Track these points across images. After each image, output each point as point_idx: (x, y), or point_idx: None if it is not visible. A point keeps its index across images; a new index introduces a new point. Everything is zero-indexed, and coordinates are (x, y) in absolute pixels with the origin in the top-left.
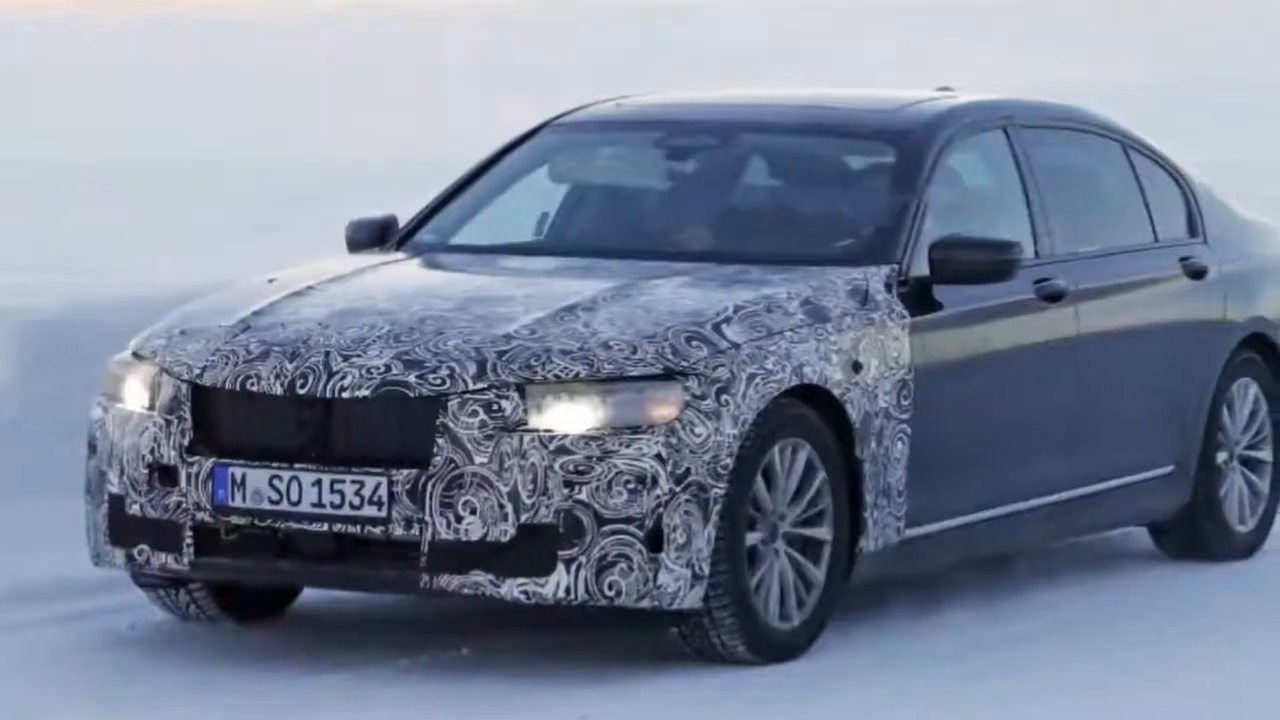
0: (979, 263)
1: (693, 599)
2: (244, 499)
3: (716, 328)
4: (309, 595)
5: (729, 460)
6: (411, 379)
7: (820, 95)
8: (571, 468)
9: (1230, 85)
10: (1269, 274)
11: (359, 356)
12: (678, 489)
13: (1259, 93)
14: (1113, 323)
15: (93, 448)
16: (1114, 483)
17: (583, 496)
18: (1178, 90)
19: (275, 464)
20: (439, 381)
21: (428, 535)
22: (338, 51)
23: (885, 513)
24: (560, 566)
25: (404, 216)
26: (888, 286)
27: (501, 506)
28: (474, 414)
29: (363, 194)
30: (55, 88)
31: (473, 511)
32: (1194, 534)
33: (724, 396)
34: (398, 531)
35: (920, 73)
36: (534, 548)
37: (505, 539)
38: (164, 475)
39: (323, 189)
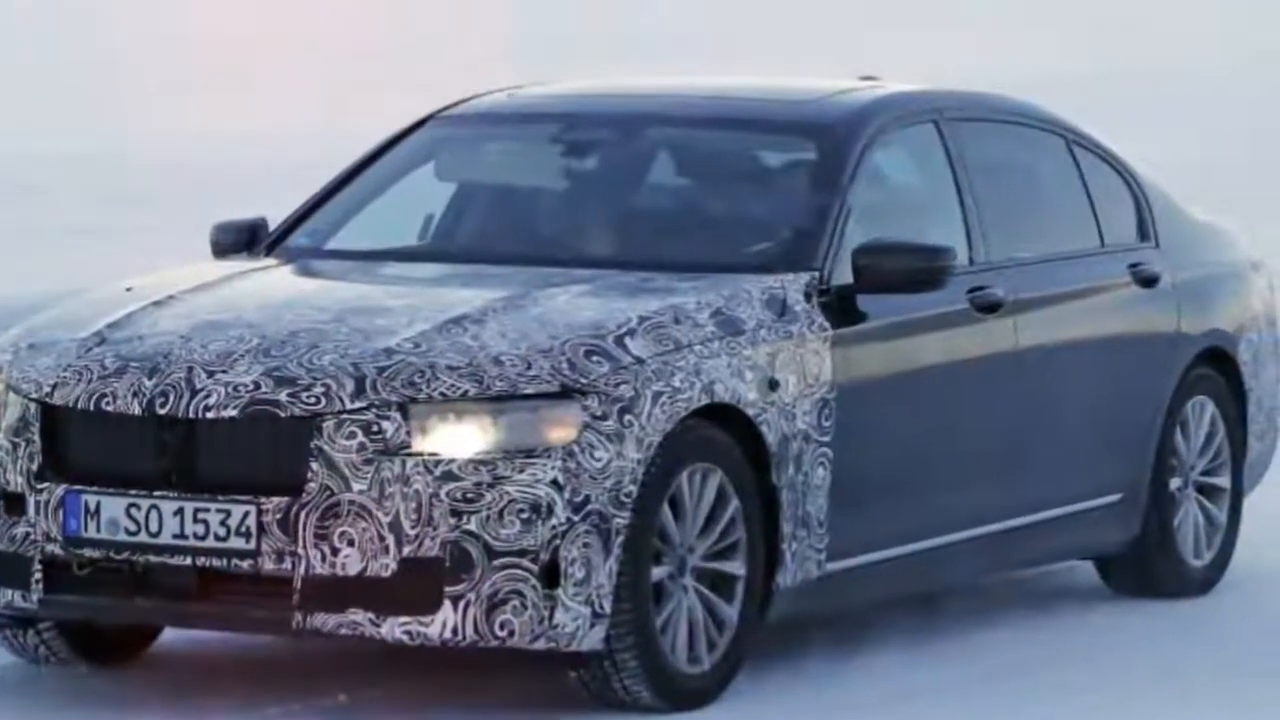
0: (908, 270)
1: (593, 640)
2: (98, 529)
3: (619, 341)
4: (170, 636)
5: (632, 487)
6: (282, 397)
7: (734, 85)
8: (459, 495)
9: (1178, 76)
10: (1226, 282)
11: (225, 373)
12: (576, 519)
13: (1209, 84)
14: (1055, 335)
15: None
16: (1056, 512)
17: (471, 527)
18: (1123, 80)
19: (133, 491)
20: (313, 400)
21: (301, 570)
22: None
23: (804, 545)
24: (447, 604)
25: (275, 218)
26: (807, 296)
27: (382, 538)
28: (351, 436)
29: (222, 192)
30: None
31: (350, 544)
32: (1144, 569)
33: (627, 417)
34: (267, 566)
35: (843, 60)
36: (418, 583)
37: (386, 574)
38: (10, 504)
39: (167, 186)
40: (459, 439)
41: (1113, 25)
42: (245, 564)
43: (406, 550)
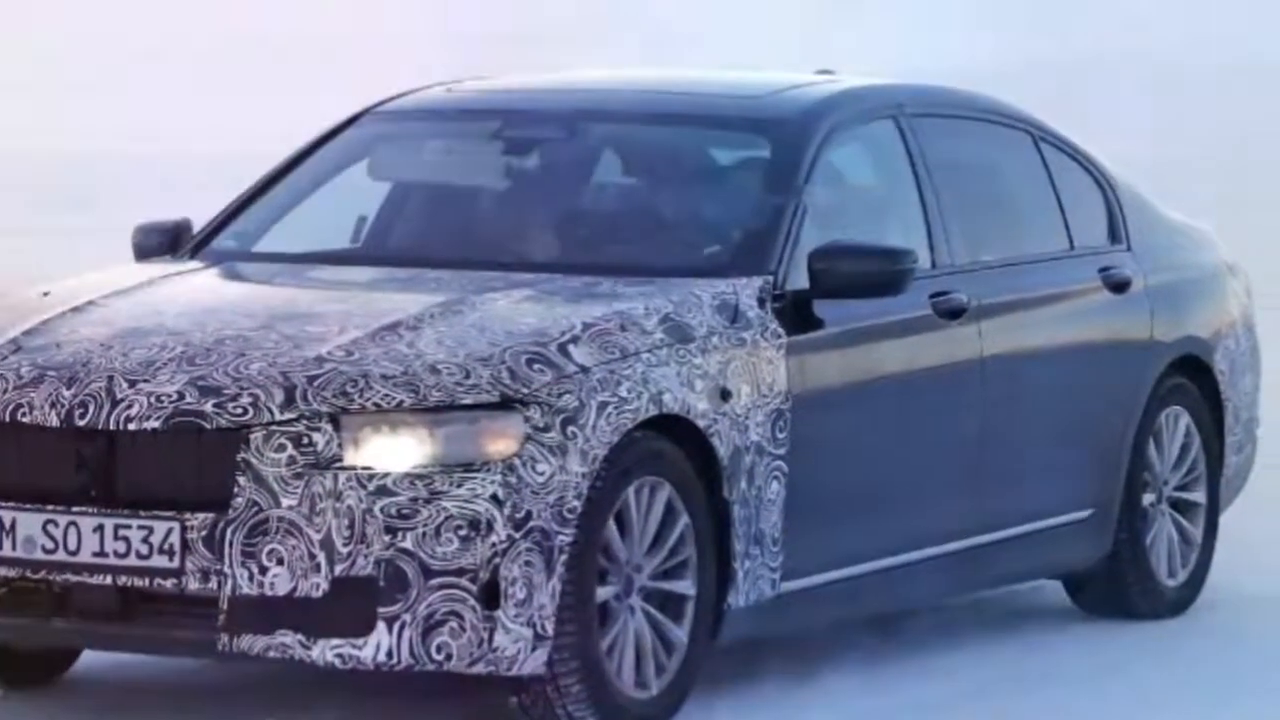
0: (866, 274)
1: (535, 663)
2: (14, 547)
3: (562, 349)
4: (90, 659)
5: (576, 502)
6: (208, 408)
7: (683, 79)
8: (394, 511)
9: (1145, 64)
10: (1202, 286)
11: (147, 382)
12: (517, 536)
13: (1182, 74)
14: (1021, 343)
15: None
16: (1023, 529)
17: (407, 545)
18: (1090, 71)
19: (50, 507)
20: (240, 411)
21: (227, 590)
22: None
23: (758, 563)
24: (381, 626)
25: (199, 219)
26: (761, 301)
27: (313, 556)
28: (281, 449)
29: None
30: None
31: (279, 562)
32: (1116, 588)
33: (571, 428)
34: (192, 585)
35: (798, 53)
36: (350, 604)
37: (317, 594)
38: None
39: (103, 186)
40: (394, 452)
41: (1081, 12)
42: (169, 583)
43: (338, 569)
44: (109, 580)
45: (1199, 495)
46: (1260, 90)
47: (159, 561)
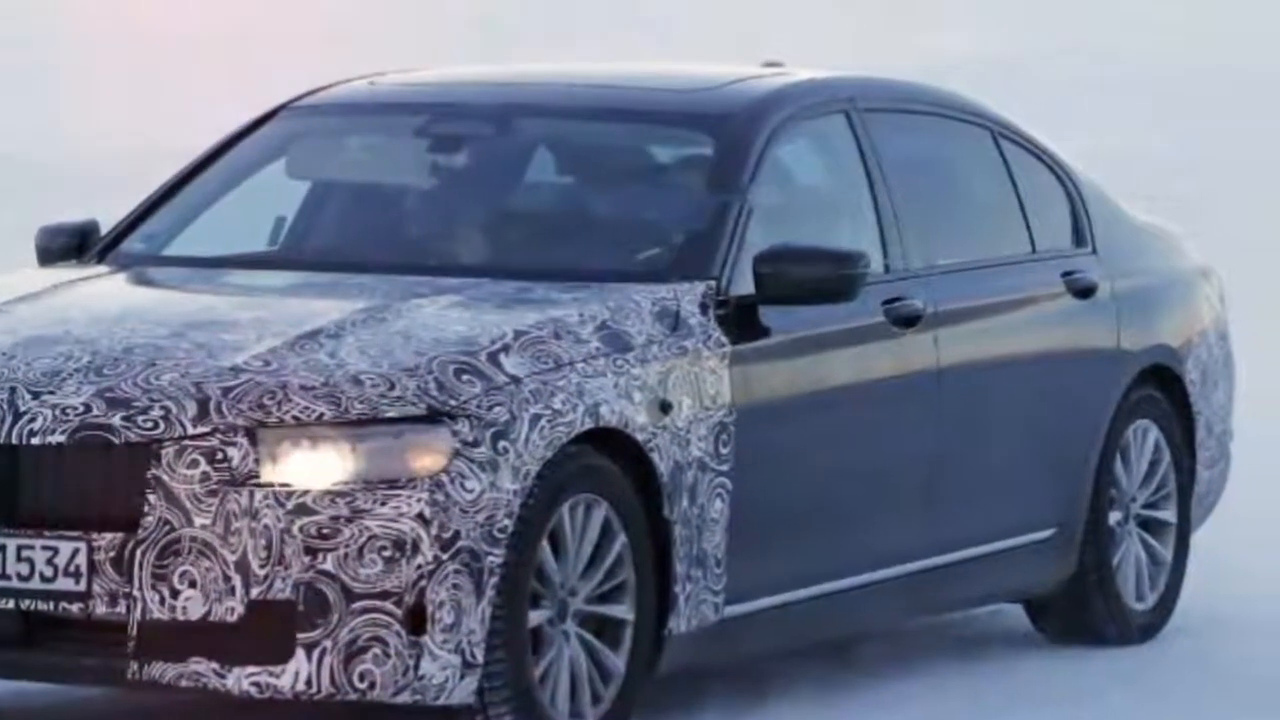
0: (815, 279)
1: (463, 692)
2: None
3: (492, 358)
4: None
5: (508, 521)
6: (116, 421)
7: (622, 72)
8: (314, 531)
9: (1109, 58)
10: (1171, 292)
11: (52, 393)
12: (444, 557)
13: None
14: (980, 352)
15: None
16: (982, 550)
17: (328, 566)
18: (1053, 64)
19: None
20: (151, 425)
21: (137, 614)
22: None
23: (700, 586)
24: (300, 652)
25: (108, 220)
26: (703, 308)
27: (228, 579)
28: (194, 465)
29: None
30: None
31: (192, 585)
32: (1080, 613)
33: (502, 443)
34: (100, 610)
35: (743, 44)
36: (267, 629)
37: (232, 619)
38: None
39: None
40: (314, 468)
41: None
42: (75, 608)
43: (255, 592)
44: (11, 604)
45: (1169, 513)
46: (1234, 88)
47: (65, 584)
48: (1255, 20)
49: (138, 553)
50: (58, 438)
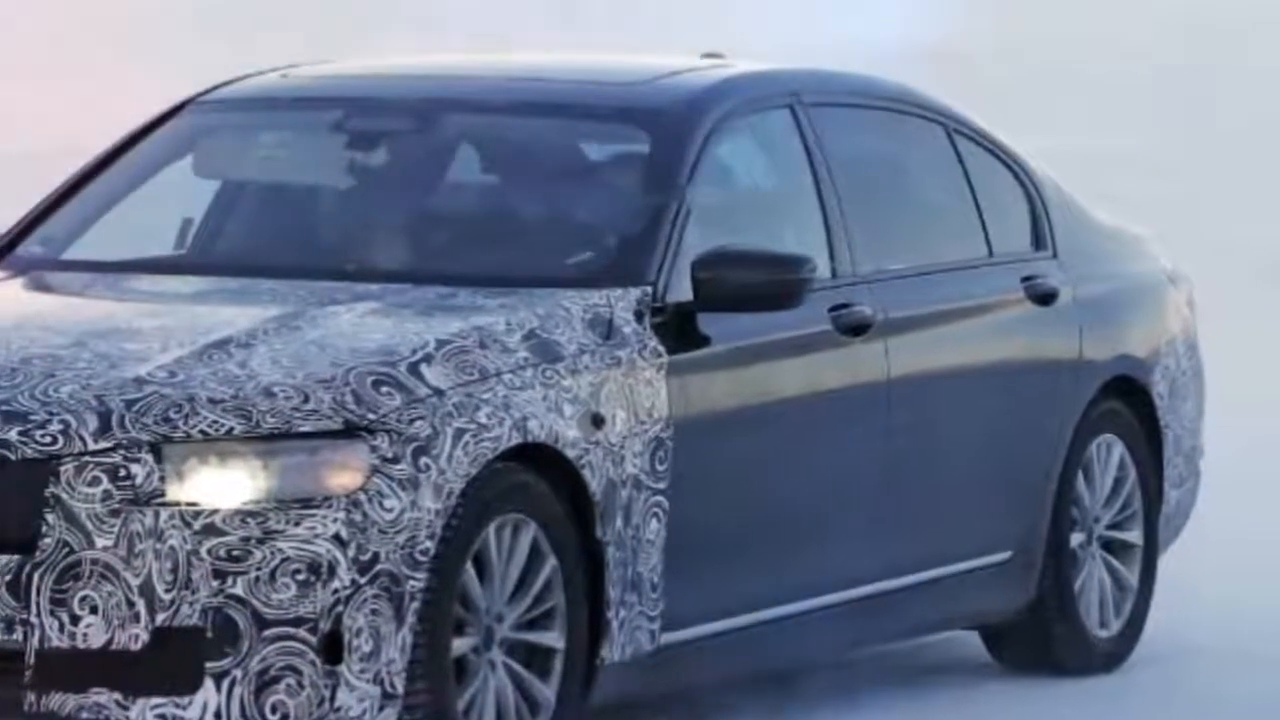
0: (758, 284)
1: None
2: None
3: (413, 369)
4: None
5: (430, 543)
6: (12, 436)
7: (552, 64)
8: (223, 553)
9: (1076, 50)
10: (1138, 298)
11: None
12: (362, 581)
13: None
14: (933, 362)
15: None
16: (935, 573)
17: (238, 591)
18: (1013, 55)
19: None
20: (48, 439)
21: (34, 641)
22: None
23: (635, 612)
24: (209, 683)
25: (2, 223)
26: (638, 315)
27: (131, 604)
28: (95, 482)
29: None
30: None
31: (93, 610)
32: (1040, 640)
33: (423, 459)
34: None
35: (680, 33)
36: (174, 658)
37: (136, 646)
38: None
39: None
40: (223, 486)
41: None
42: None
43: (160, 618)
44: None
45: (1134, 535)
46: (1211, 85)
47: None
48: (1236, 14)
49: (35, 576)
50: None
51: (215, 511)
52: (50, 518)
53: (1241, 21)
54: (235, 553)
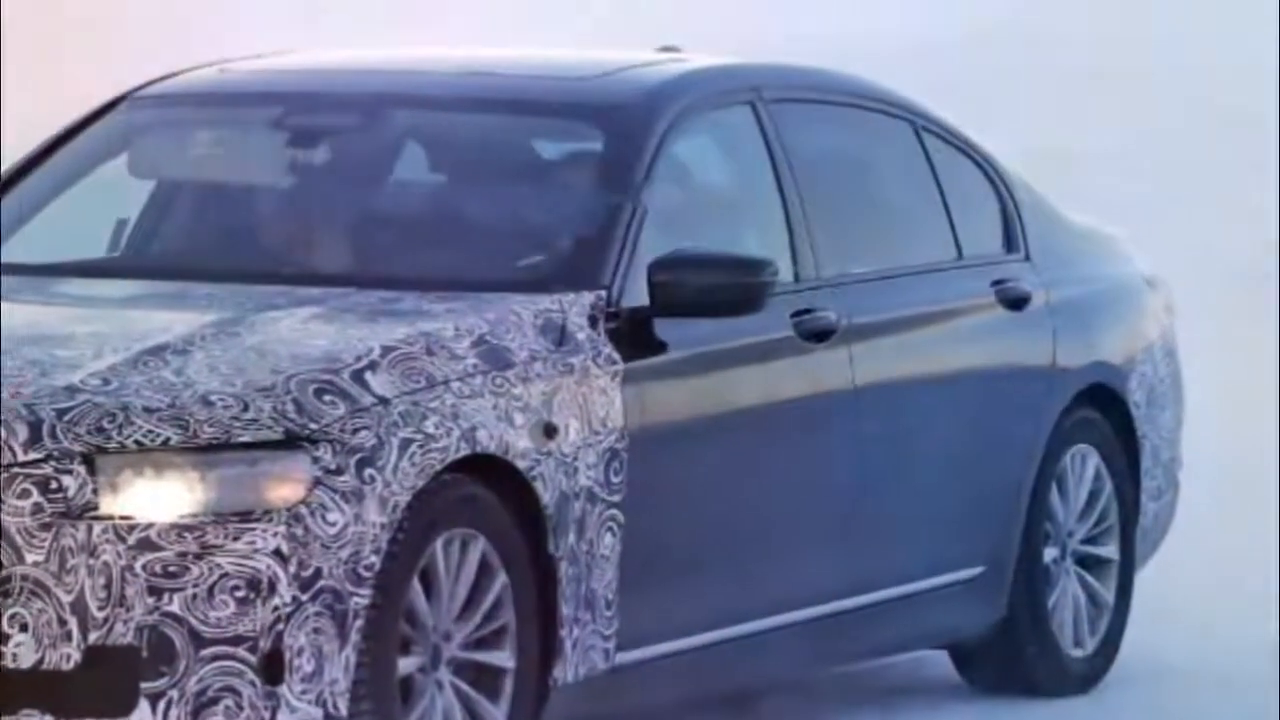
0: (717, 288)
1: None
2: None
3: (357, 377)
4: None
5: (374, 558)
6: None
7: (502, 58)
8: (159, 569)
9: (1049, 45)
10: (1113, 302)
11: None
12: (304, 598)
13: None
14: (900, 369)
15: None
16: (901, 590)
17: (174, 608)
18: (985, 50)
19: None
20: None
21: None
22: None
23: (589, 631)
24: (144, 704)
25: None
26: (592, 320)
27: (63, 622)
28: (25, 495)
29: None
30: None
31: (23, 629)
32: (1012, 660)
33: (368, 471)
34: None
35: (633, 26)
36: (108, 678)
37: (68, 666)
38: None
39: None
40: (159, 499)
41: None
42: None
43: (93, 637)
44: None
45: (1110, 550)
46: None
47: None
48: (1217, 13)
49: None
50: None
51: (150, 525)
52: None
53: (1222, 20)
54: (171, 568)
